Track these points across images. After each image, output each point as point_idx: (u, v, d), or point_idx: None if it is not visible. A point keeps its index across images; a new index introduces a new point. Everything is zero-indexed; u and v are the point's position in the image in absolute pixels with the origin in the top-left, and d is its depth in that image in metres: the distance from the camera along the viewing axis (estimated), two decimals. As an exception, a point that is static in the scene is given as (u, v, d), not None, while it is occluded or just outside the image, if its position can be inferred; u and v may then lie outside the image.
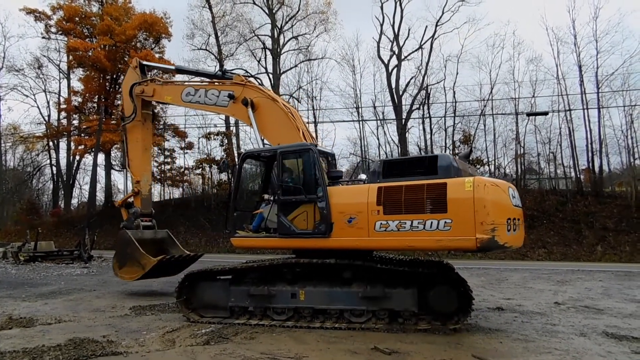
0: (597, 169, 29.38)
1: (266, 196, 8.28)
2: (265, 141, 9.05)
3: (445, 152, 32.84)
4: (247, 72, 10.33)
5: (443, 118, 33.74)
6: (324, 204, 7.18)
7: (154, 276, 11.14)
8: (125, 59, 37.13)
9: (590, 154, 29.58)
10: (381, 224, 6.74)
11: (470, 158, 9.02)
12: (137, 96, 11.52)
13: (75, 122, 41.99)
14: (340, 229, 7.06)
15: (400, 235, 6.63)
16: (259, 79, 10.58)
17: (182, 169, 39.48)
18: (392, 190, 6.79)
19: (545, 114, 28.75)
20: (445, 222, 6.33)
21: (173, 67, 12.55)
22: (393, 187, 6.82)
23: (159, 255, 10.80)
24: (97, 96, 39.02)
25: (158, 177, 40.19)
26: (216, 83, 10.34)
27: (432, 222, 6.42)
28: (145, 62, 12.22)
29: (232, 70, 10.63)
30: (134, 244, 10.47)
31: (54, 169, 44.33)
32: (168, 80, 12.47)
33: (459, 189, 6.33)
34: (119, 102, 40.01)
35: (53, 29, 39.25)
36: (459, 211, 6.26)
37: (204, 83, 10.79)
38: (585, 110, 29.47)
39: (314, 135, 9.26)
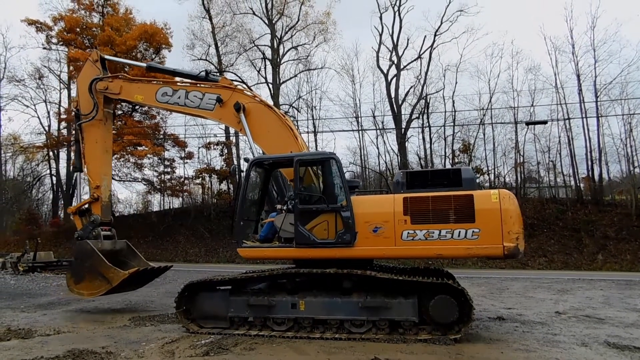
0: (596, 177, 29.43)
1: (278, 206, 8.03)
2: (258, 149, 8.84)
3: (444, 161, 32.94)
4: (240, 78, 10.21)
5: (442, 127, 33.88)
6: (349, 213, 7.21)
7: (119, 291, 10.16)
8: (126, 69, 37.32)
9: (589, 163, 29.67)
10: (408, 233, 7.02)
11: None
12: (98, 92, 10.48)
13: (76, 132, 42.00)
14: (365, 238, 7.19)
15: (429, 244, 6.96)
16: (246, 83, 10.36)
17: (182, 179, 39.47)
18: (419, 201, 7.10)
19: (545, 122, 28.83)
20: (473, 232, 6.77)
21: (144, 65, 11.43)
22: (420, 198, 7.13)
23: (117, 267, 9.76)
24: (97, 106, 39.05)
25: (158, 186, 40.21)
26: (201, 85, 9.73)
27: (460, 232, 6.82)
28: (107, 56, 11.16)
29: (215, 73, 10.02)
30: (97, 256, 9.51)
31: (54, 179, 44.37)
32: (138, 77, 11.40)
33: (486, 200, 6.85)
34: (119, 112, 40.34)
35: (54, 40, 39.44)
36: (487, 221, 6.75)
37: (184, 84, 10.08)
38: (584, 119, 29.60)
39: (308, 145, 9.08)
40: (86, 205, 10.76)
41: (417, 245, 6.99)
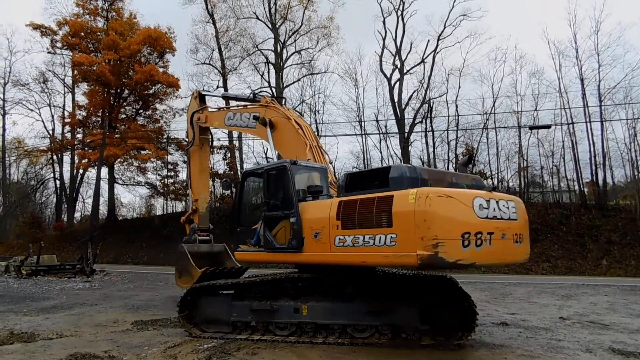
0: (601, 182, 29.32)
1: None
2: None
3: (447, 165, 32.86)
4: (273, 94, 10.84)
5: (446, 131, 33.84)
6: (295, 219, 7.27)
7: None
8: (130, 73, 37.49)
9: (593, 167, 29.56)
10: (339, 238, 6.60)
11: (470, 166, 8.81)
12: (195, 123, 12.42)
13: (79, 136, 42.26)
14: (309, 244, 7.07)
15: (355, 251, 6.40)
16: (284, 98, 11.16)
17: (185, 183, 39.48)
18: (349, 205, 6.63)
19: (548, 127, 28.76)
20: (391, 237, 5.99)
21: (219, 95, 14.08)
22: (349, 202, 6.67)
23: (215, 266, 11.20)
24: (101, 110, 39.32)
25: (161, 190, 40.29)
26: (248, 106, 11.01)
27: (380, 237, 6.11)
28: (204, 92, 13.20)
29: (260, 92, 11.47)
30: (186, 257, 10.96)
31: (58, 182, 44.53)
32: (217, 107, 13.49)
33: (403, 201, 5.95)
34: (123, 116, 40.56)
35: (58, 44, 39.72)
36: (403, 225, 5.90)
37: (239, 107, 11.58)
38: (588, 124, 29.52)
39: (322, 153, 9.40)
40: (192, 215, 12.67)
41: (347, 251, 6.49)
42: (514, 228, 6.43)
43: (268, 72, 38.76)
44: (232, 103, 14.43)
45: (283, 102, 10.81)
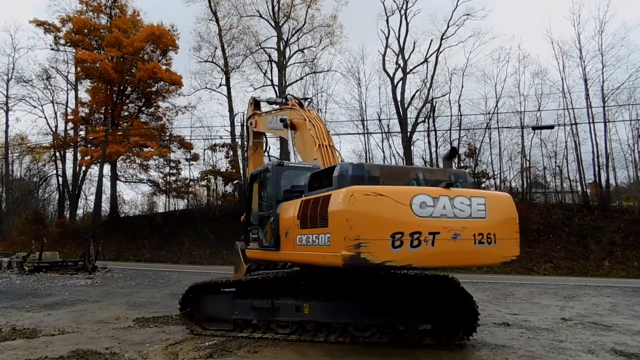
0: (603, 183, 29.26)
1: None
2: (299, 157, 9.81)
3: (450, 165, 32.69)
4: (301, 96, 11.18)
5: (448, 131, 33.79)
6: (273, 218, 7.44)
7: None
8: (133, 70, 37.52)
9: (596, 168, 29.51)
10: (299, 237, 6.61)
11: (456, 159, 8.61)
12: (250, 128, 12.87)
13: (82, 133, 42.35)
14: (283, 243, 7.19)
15: (307, 250, 6.34)
16: (310, 99, 11.31)
17: (187, 181, 39.59)
18: (306, 204, 6.60)
19: (551, 127, 28.72)
20: (328, 237, 5.87)
21: (266, 100, 13.75)
22: (306, 201, 6.64)
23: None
24: (104, 107, 39.38)
25: (163, 188, 40.32)
26: (282, 109, 11.29)
27: (321, 237, 6.02)
28: (258, 99, 13.40)
29: (288, 95, 11.65)
30: (238, 253, 11.24)
31: (60, 179, 44.58)
32: (264, 112, 13.80)
33: (335, 201, 5.83)
34: (126, 113, 40.62)
35: (62, 41, 39.74)
36: (334, 225, 5.76)
37: (276, 110, 11.80)
38: (592, 124, 29.47)
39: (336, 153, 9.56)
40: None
41: (303, 250, 6.42)
42: (476, 227, 5.90)
43: (271, 71, 38.81)
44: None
45: (308, 103, 10.90)
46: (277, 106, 11.97)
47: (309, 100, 11.00)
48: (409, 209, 5.61)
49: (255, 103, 13.07)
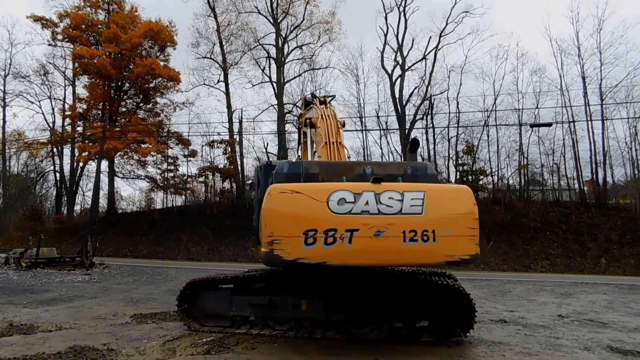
0: (601, 180, 29.35)
1: None
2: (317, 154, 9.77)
3: (448, 162, 32.80)
4: (324, 96, 11.34)
5: (446, 128, 33.82)
6: (255, 216, 7.51)
7: None
8: (131, 66, 37.40)
9: (594, 166, 29.61)
10: (260, 235, 6.53)
11: (417, 150, 8.50)
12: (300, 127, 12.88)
13: (80, 129, 42.19)
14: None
15: (262, 247, 6.20)
16: (333, 96, 11.71)
17: (185, 177, 39.56)
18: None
19: (549, 125, 28.76)
20: (264, 235, 5.91)
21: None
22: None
23: None
24: (101, 103, 39.23)
25: (161, 184, 40.28)
26: (310, 108, 11.40)
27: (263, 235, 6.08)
28: (308, 99, 13.47)
29: (311, 93, 11.90)
30: None
31: (58, 175, 44.45)
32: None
33: (264, 199, 5.87)
34: (123, 109, 40.51)
35: (59, 37, 39.58)
36: (262, 222, 5.87)
37: (307, 109, 11.95)
38: (589, 122, 29.56)
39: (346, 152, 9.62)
40: None
41: (263, 247, 6.19)
42: (406, 224, 5.60)
43: (269, 67, 38.77)
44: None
45: (329, 101, 10.98)
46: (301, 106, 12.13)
47: (332, 97, 11.07)
48: (325, 205, 5.57)
49: (306, 103, 13.09)
